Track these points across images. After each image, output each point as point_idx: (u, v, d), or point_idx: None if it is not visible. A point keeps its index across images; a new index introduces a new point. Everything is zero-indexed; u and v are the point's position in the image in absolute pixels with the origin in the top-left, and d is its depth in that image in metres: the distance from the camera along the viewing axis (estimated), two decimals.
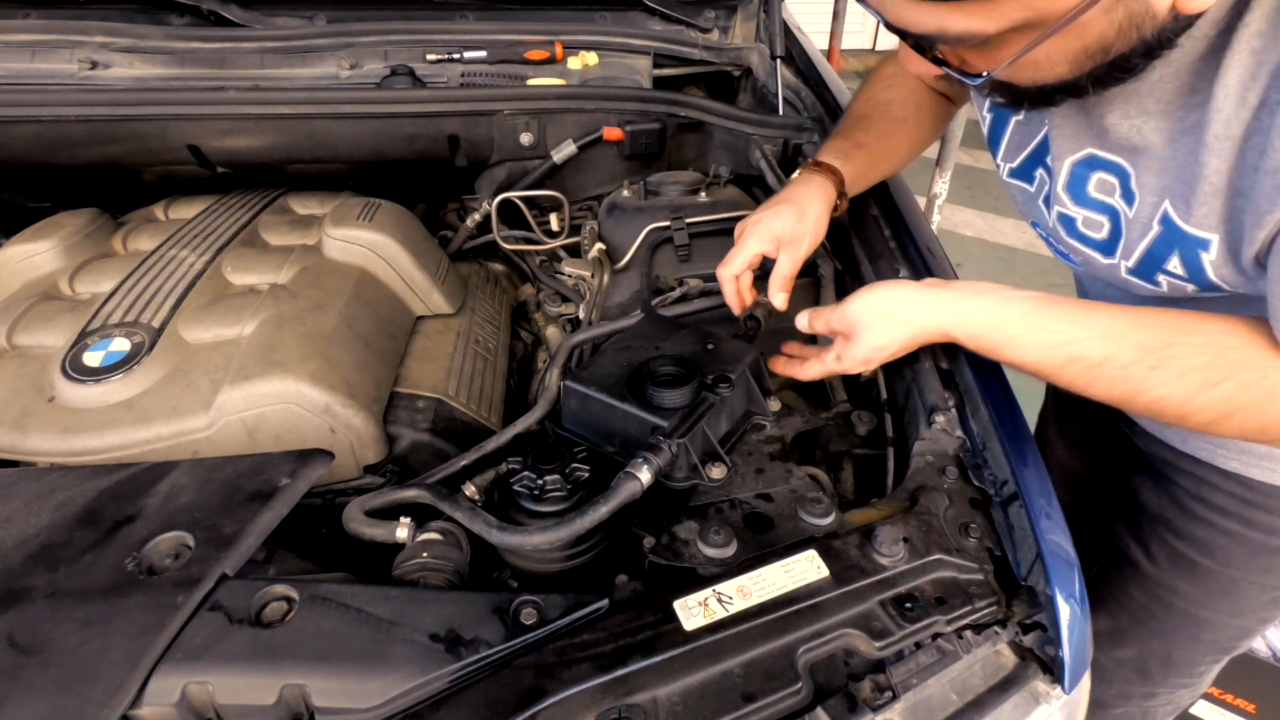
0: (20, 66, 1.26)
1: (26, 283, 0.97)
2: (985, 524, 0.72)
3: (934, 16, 0.57)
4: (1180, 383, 0.66)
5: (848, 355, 0.82)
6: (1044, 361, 0.72)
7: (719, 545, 0.67)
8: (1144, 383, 0.68)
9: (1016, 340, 0.73)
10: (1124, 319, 0.70)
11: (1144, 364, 0.68)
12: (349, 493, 0.81)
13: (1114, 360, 0.69)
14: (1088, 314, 0.71)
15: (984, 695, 0.61)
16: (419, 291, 1.04)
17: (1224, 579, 0.98)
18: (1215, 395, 0.66)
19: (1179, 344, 0.67)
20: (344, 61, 1.35)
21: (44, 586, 0.57)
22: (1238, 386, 0.65)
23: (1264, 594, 0.99)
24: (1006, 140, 0.87)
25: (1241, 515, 0.93)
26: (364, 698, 0.52)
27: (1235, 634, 1.07)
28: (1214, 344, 0.66)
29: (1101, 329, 0.70)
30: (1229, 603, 1.01)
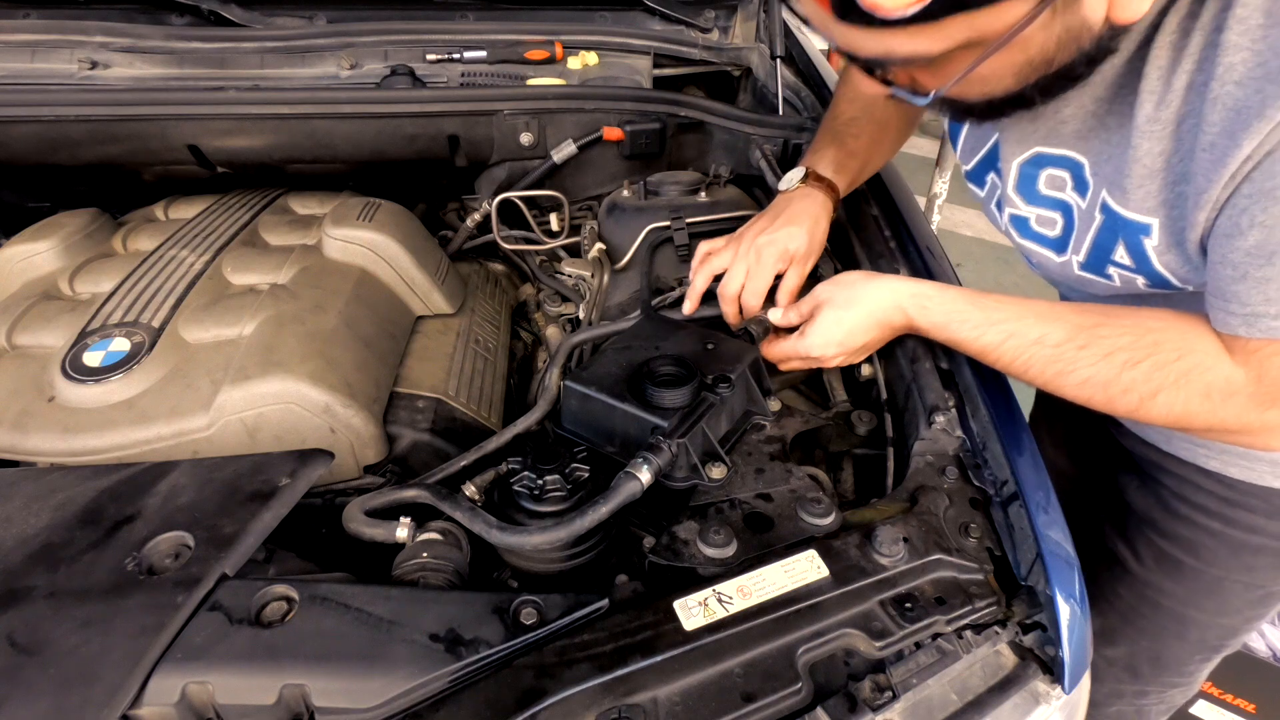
0: (20, 66, 1.26)
1: (26, 283, 0.97)
2: (985, 524, 0.72)
3: (880, 41, 0.58)
4: (1105, 362, 0.69)
5: (810, 330, 0.85)
6: (985, 337, 0.76)
7: (719, 545, 0.67)
8: (1073, 362, 0.71)
9: (961, 315, 0.77)
10: (1063, 306, 0.74)
11: (1074, 343, 0.71)
12: (349, 493, 0.81)
13: (1047, 339, 0.72)
14: (1029, 301, 0.76)
15: (984, 695, 0.61)
16: (419, 291, 1.04)
17: (1209, 578, 0.99)
18: (1136, 374, 0.68)
19: (1107, 325, 0.70)
20: (344, 61, 1.35)
21: (44, 586, 0.57)
22: (1155, 365, 0.67)
23: (1249, 593, 0.99)
24: (962, 140, 0.90)
25: (1223, 514, 0.93)
26: (364, 698, 0.52)
27: (1223, 633, 1.07)
28: (1139, 325, 0.68)
29: (1039, 311, 0.74)
30: (1215, 601, 1.01)
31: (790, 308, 0.90)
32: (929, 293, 0.80)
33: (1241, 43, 0.56)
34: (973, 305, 0.77)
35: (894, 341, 0.89)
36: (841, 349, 0.84)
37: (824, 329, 0.84)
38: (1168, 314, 0.68)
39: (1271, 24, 0.55)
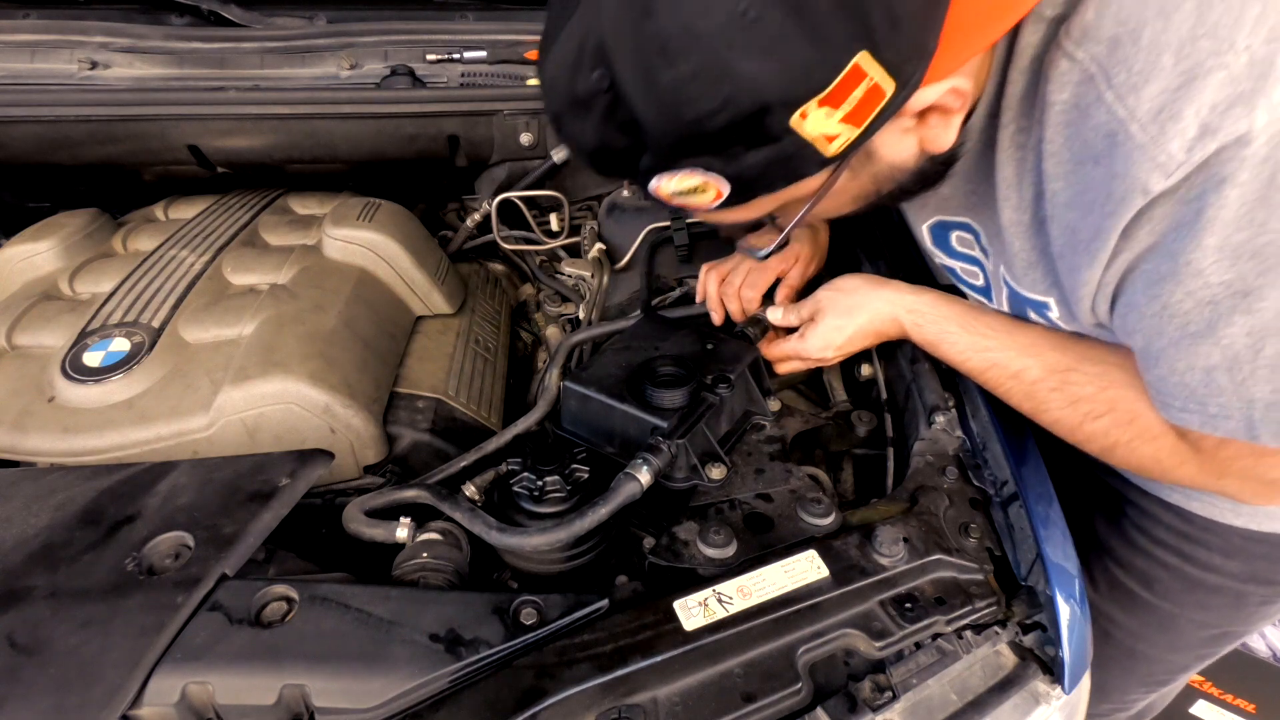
0: (20, 66, 1.26)
1: (26, 283, 0.97)
2: (985, 524, 0.72)
3: (713, 215, 0.63)
4: (1071, 409, 0.70)
5: (811, 333, 0.86)
6: (971, 361, 0.77)
7: (719, 546, 0.67)
8: (1045, 402, 0.72)
9: (952, 336, 0.78)
10: (1046, 339, 0.73)
11: (1047, 384, 0.71)
12: (349, 493, 0.81)
13: (1025, 375, 0.73)
14: (1015, 327, 0.75)
15: (984, 695, 0.61)
16: (419, 291, 1.04)
17: (1161, 613, 0.96)
18: (1097, 428, 0.68)
19: (1078, 371, 0.70)
20: (344, 61, 1.35)
21: (44, 586, 0.57)
22: (1113, 423, 0.67)
23: (1201, 631, 0.97)
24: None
25: (1179, 549, 0.90)
26: (364, 698, 0.52)
27: (1170, 669, 1.05)
28: (1104, 378, 0.68)
29: (1023, 343, 0.74)
30: (1166, 638, 0.99)
31: (790, 308, 0.91)
32: (924, 309, 0.81)
33: (1057, 173, 0.58)
34: (963, 328, 0.78)
35: (894, 342, 0.89)
36: (840, 353, 0.87)
37: (823, 334, 0.85)
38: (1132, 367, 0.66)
39: (1077, 161, 0.56)
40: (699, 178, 0.55)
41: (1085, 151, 0.55)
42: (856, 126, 0.53)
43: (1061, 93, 0.55)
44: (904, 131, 0.59)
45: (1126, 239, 0.55)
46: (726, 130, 0.50)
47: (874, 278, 0.86)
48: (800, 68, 0.48)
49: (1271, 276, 0.49)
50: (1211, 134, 0.47)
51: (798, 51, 0.47)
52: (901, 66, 0.50)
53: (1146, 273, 0.55)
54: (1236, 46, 0.46)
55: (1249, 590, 0.90)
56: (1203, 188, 0.49)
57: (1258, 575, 0.88)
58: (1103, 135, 0.53)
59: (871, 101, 0.51)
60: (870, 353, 0.94)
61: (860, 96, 0.50)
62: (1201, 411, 0.56)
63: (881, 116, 0.53)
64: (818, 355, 0.86)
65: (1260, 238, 0.48)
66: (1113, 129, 0.52)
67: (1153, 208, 0.52)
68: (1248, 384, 0.53)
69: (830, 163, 0.55)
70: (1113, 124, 0.51)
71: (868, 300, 0.84)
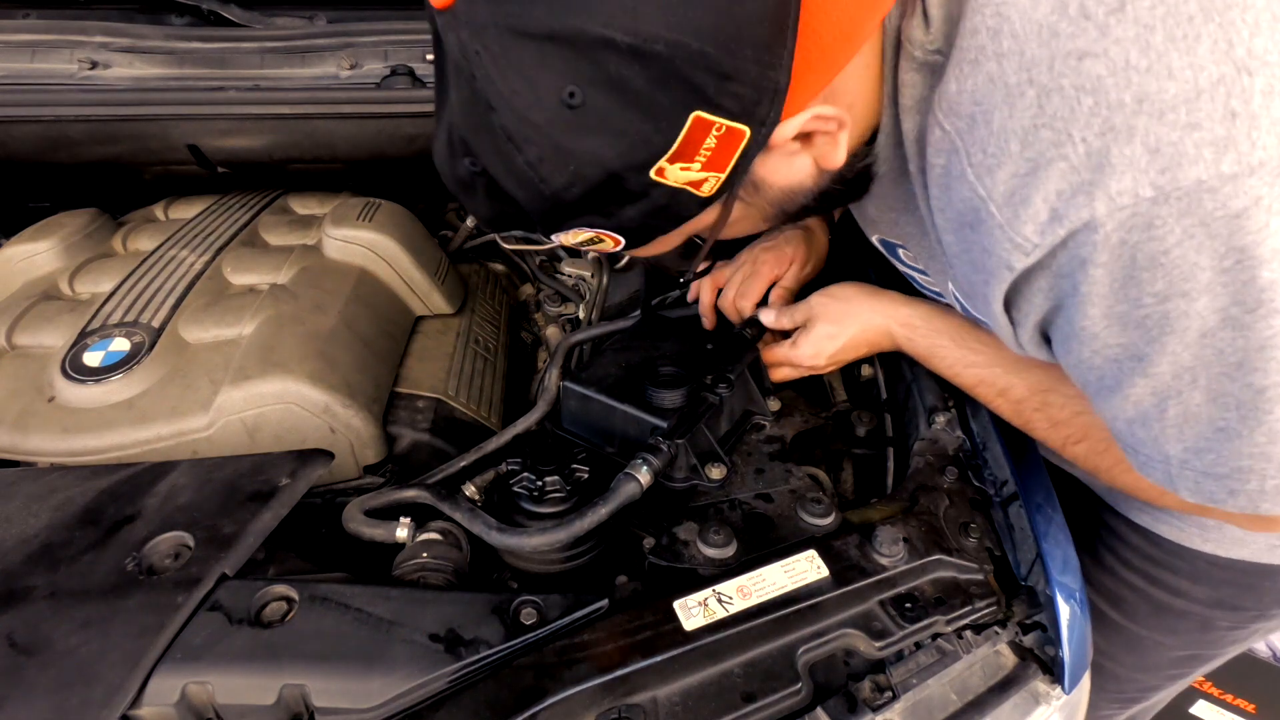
0: (20, 66, 1.26)
1: (26, 283, 0.97)
2: (985, 524, 0.72)
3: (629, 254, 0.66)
4: (1053, 431, 0.70)
5: (803, 341, 0.86)
6: (960, 376, 0.78)
7: (719, 545, 0.67)
8: (1029, 422, 0.72)
9: (943, 350, 0.78)
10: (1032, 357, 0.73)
11: (1030, 404, 0.72)
12: (349, 493, 0.81)
13: (1010, 393, 0.73)
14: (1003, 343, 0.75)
15: (984, 695, 0.61)
16: (419, 291, 1.04)
17: (1129, 633, 0.96)
18: (1077, 452, 0.69)
19: (1056, 394, 0.70)
20: (344, 61, 1.35)
21: (44, 586, 0.57)
22: (1090, 450, 0.68)
23: (1169, 652, 0.97)
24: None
25: (1146, 572, 0.90)
26: (364, 698, 0.52)
27: (1141, 688, 1.04)
28: (1079, 401, 0.68)
29: (1009, 361, 0.73)
30: (1134, 657, 0.99)
31: (783, 312, 0.90)
32: (917, 322, 0.81)
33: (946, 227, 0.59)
34: (954, 342, 0.78)
35: None
36: (832, 361, 0.87)
37: (815, 343, 0.85)
38: None
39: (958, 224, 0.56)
40: (590, 233, 0.59)
41: (961, 218, 0.56)
42: (721, 171, 0.53)
43: (938, 158, 0.56)
44: (790, 155, 0.59)
45: (1022, 300, 0.56)
46: (589, 198, 0.53)
47: (868, 287, 0.86)
48: (636, 137, 0.50)
49: (1159, 345, 0.49)
50: (1060, 220, 0.48)
51: (629, 123, 0.49)
52: (751, 110, 0.50)
53: (1058, 328, 0.56)
54: (1073, 138, 0.46)
55: (1215, 615, 0.89)
56: (1069, 266, 0.50)
57: (1224, 601, 0.87)
58: (970, 208, 0.54)
59: (730, 145, 0.52)
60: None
61: (714, 145, 0.51)
62: (1135, 456, 0.58)
63: (746, 155, 0.53)
64: (809, 363, 0.87)
65: (1138, 311, 0.49)
66: (975, 205, 0.53)
67: (1032, 279, 0.53)
68: (1160, 440, 0.54)
69: (711, 200, 0.57)
70: (975, 200, 0.52)
71: (860, 310, 0.84)
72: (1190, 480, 0.54)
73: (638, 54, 0.46)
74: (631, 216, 0.56)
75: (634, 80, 0.47)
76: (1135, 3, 0.44)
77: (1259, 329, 0.45)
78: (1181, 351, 0.49)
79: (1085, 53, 0.45)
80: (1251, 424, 0.49)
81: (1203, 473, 0.53)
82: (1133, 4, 0.44)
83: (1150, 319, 0.49)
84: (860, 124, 0.60)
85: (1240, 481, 0.52)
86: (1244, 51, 0.42)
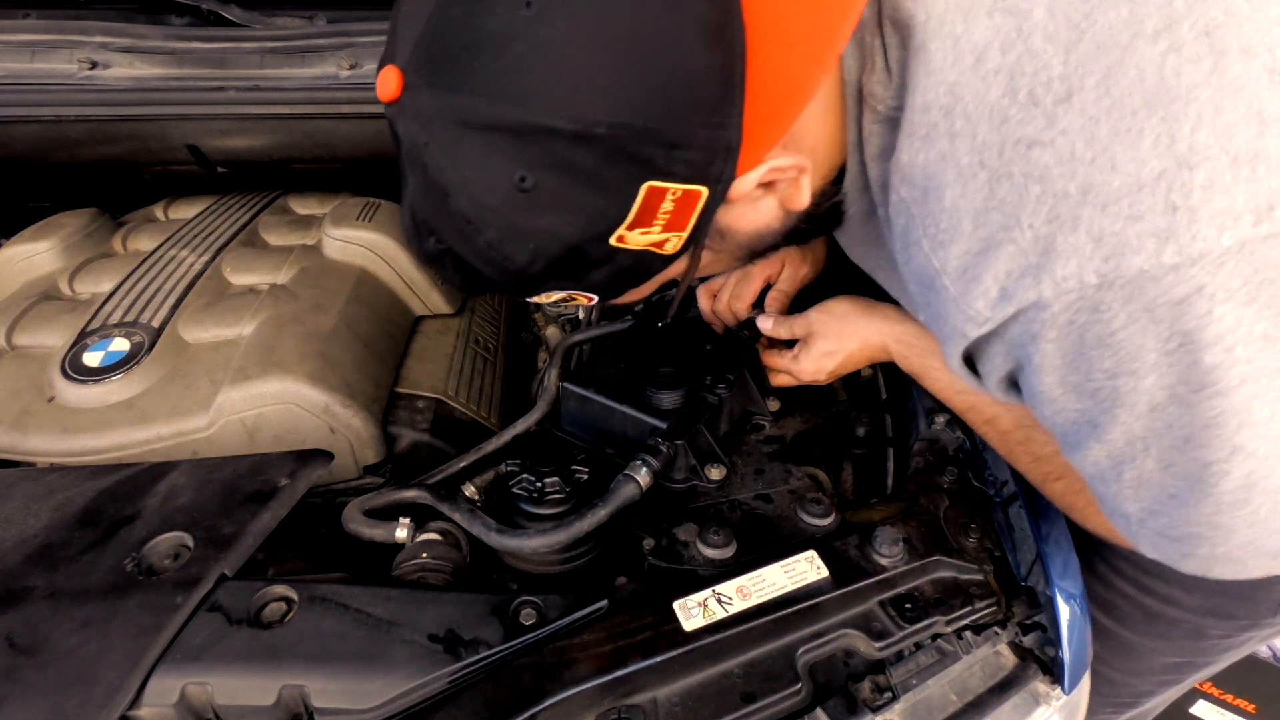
0: (20, 66, 1.25)
1: (26, 283, 0.97)
2: (985, 524, 0.72)
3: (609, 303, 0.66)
4: (1035, 466, 0.70)
5: (804, 356, 0.87)
6: (951, 401, 0.78)
7: (718, 546, 0.67)
8: (1013, 453, 0.73)
9: (935, 372, 0.79)
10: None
11: (1015, 437, 0.72)
12: (349, 493, 0.81)
13: (998, 423, 0.74)
14: None
15: (984, 696, 0.61)
16: (418, 291, 1.04)
17: (1122, 639, 0.96)
18: (1056, 489, 0.69)
19: (1038, 429, 0.69)
20: (344, 61, 1.35)
21: (43, 587, 0.57)
22: (1067, 489, 0.67)
23: (1162, 659, 0.97)
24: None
25: (1139, 580, 0.90)
26: (363, 698, 0.52)
27: (1134, 693, 1.04)
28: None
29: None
30: (1127, 663, 0.99)
31: (780, 321, 0.90)
32: (912, 340, 0.81)
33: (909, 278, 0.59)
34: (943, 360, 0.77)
35: None
36: (832, 376, 0.88)
37: (815, 359, 0.86)
38: None
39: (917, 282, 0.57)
40: (561, 293, 0.59)
41: (919, 278, 0.56)
42: (681, 230, 0.54)
43: (899, 218, 0.56)
44: (754, 201, 0.59)
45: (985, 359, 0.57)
46: (553, 269, 0.54)
47: (865, 302, 0.86)
48: (591, 211, 0.50)
49: (1111, 415, 0.50)
50: (1009, 298, 0.49)
51: (582, 200, 0.50)
52: (704, 172, 0.50)
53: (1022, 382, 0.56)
54: (1021, 224, 0.47)
55: (1208, 624, 0.89)
56: (1022, 338, 0.51)
57: (1217, 610, 0.87)
58: (926, 275, 0.55)
59: (687, 206, 0.52)
60: None
61: (671, 208, 0.51)
62: (1102, 506, 0.58)
63: (706, 211, 0.53)
64: (809, 379, 0.88)
65: (1090, 383, 0.50)
66: (930, 275, 0.54)
67: (988, 344, 0.54)
68: (1118, 499, 0.55)
69: (677, 256, 0.57)
70: (930, 270, 0.53)
71: (858, 327, 0.85)
72: (1148, 538, 0.55)
73: (582, 138, 0.47)
74: (599, 279, 0.57)
75: (582, 162, 0.48)
76: (1081, 94, 0.45)
77: (1204, 408, 0.46)
78: (1133, 422, 0.49)
79: (1034, 141, 0.46)
80: (1199, 495, 0.49)
81: (1158, 533, 0.54)
82: (1079, 94, 0.45)
83: (1102, 391, 0.50)
84: (824, 165, 0.61)
85: (1193, 546, 0.53)
86: (1185, 147, 0.42)
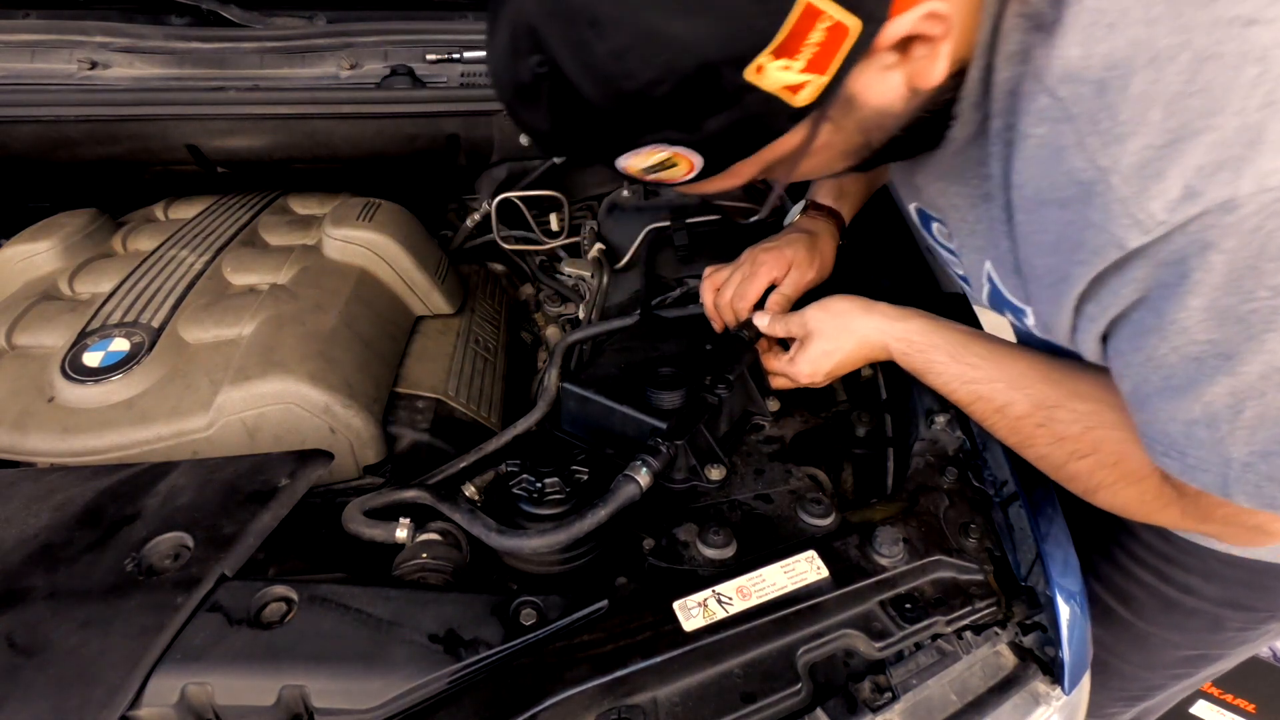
0: (20, 66, 1.26)
1: (26, 283, 0.97)
2: (985, 524, 0.72)
3: (695, 188, 0.61)
4: (1057, 447, 0.68)
5: (801, 357, 0.85)
6: (956, 393, 0.75)
7: (718, 546, 0.67)
8: (1030, 438, 0.70)
9: (939, 366, 0.76)
10: (1036, 370, 0.70)
11: (1033, 420, 0.69)
12: (349, 493, 0.81)
13: (1010, 410, 0.71)
14: (1005, 357, 0.73)
15: (984, 696, 0.61)
16: (419, 291, 1.04)
17: (1137, 630, 0.95)
18: (1081, 467, 0.67)
19: (1064, 409, 0.67)
20: (344, 61, 1.35)
21: (44, 587, 0.57)
22: (1097, 464, 0.65)
23: (1176, 651, 0.96)
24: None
25: (1158, 569, 0.90)
26: (363, 698, 0.52)
27: (1145, 686, 1.04)
28: (1092, 416, 0.66)
29: (1011, 376, 0.71)
30: (1140, 655, 0.98)
31: (777, 318, 0.89)
32: (913, 336, 0.79)
33: (1022, 205, 0.56)
34: (951, 358, 0.76)
35: None
36: (829, 377, 0.86)
37: (813, 359, 0.84)
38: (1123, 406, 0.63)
39: (1040, 201, 0.54)
40: (665, 152, 0.53)
41: (1051, 193, 0.53)
42: (822, 73, 0.49)
43: (1038, 127, 0.52)
44: (885, 69, 0.54)
45: (1106, 291, 0.53)
46: (676, 98, 0.49)
47: (862, 300, 0.84)
48: (739, 21, 0.46)
49: (1256, 343, 0.47)
50: (1195, 197, 0.45)
51: (736, 5, 0.46)
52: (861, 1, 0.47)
53: (1133, 322, 0.54)
54: (1228, 109, 0.43)
55: (1225, 615, 0.89)
56: (1185, 251, 0.47)
57: (1235, 601, 0.87)
58: (1075, 182, 0.50)
59: (834, 43, 0.48)
60: None
61: (820, 40, 0.47)
62: (1181, 460, 0.56)
63: (851, 58, 0.49)
64: (806, 380, 0.86)
65: (1246, 305, 0.47)
66: (1090, 178, 0.49)
67: (1131, 265, 0.50)
68: (1225, 442, 0.52)
69: (803, 115, 0.52)
70: (1091, 172, 0.49)
71: (857, 326, 0.83)
72: (1250, 485, 0.52)
73: None
74: (717, 130, 0.51)
75: None
76: None
77: None
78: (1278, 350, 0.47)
79: (1253, 19, 0.42)
80: None
81: (1267, 477, 0.51)
82: None
83: (1256, 314, 0.46)
84: (957, 47, 0.55)
85: None
86: None
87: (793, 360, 0.86)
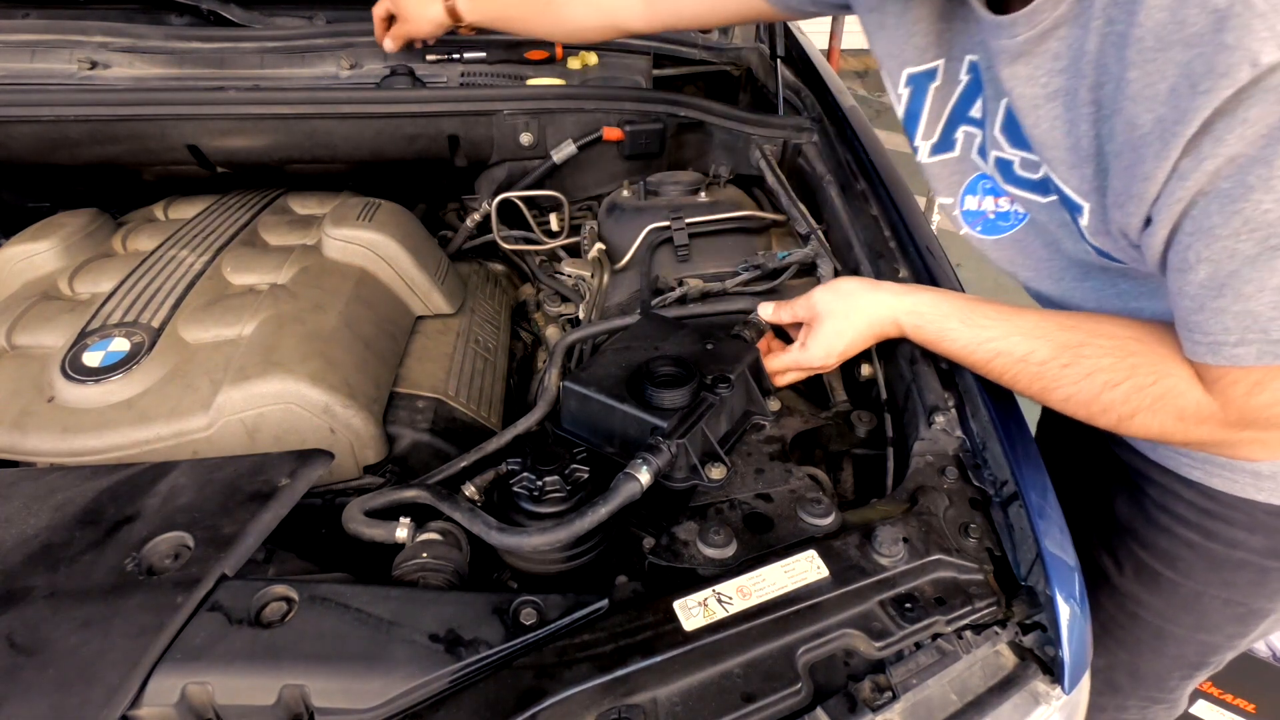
0: (20, 66, 1.26)
1: (26, 283, 0.97)
2: (985, 524, 0.72)
3: None
4: (1087, 382, 0.70)
5: (811, 343, 0.86)
6: (974, 354, 0.77)
7: (719, 546, 0.67)
8: (1056, 379, 0.72)
9: (953, 333, 0.78)
10: (1050, 321, 0.74)
11: (1058, 361, 0.72)
12: (349, 493, 0.81)
13: (1033, 356, 0.73)
14: (1016, 313, 0.76)
15: (984, 695, 0.60)
16: (419, 291, 1.04)
17: (1186, 591, 0.96)
18: (1115, 396, 0.69)
19: (1090, 345, 0.70)
20: (344, 61, 1.35)
21: (44, 587, 0.57)
22: (1133, 388, 0.68)
23: (1228, 609, 0.97)
24: (926, 112, 0.87)
25: (1202, 526, 0.91)
26: (364, 698, 0.52)
27: (1202, 650, 1.04)
28: (1120, 347, 0.69)
29: (1026, 327, 0.74)
30: (1193, 617, 0.99)
31: (783, 304, 0.90)
32: (923, 309, 0.81)
33: (1138, 59, 0.56)
34: (963, 323, 0.78)
35: (893, 342, 0.89)
36: (841, 358, 0.87)
37: (825, 340, 0.85)
38: (1147, 336, 0.69)
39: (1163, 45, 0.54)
40: None
41: (1177, 32, 0.52)
42: None
43: None
44: None
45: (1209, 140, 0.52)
46: None
47: (869, 280, 0.86)
48: None
49: None
50: None
51: None
52: None
53: (1224, 192, 0.53)
54: None
55: (1272, 566, 0.90)
56: None
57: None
58: (1210, 10, 0.50)
59: None
60: (870, 352, 0.94)
61: None
62: (1263, 339, 0.56)
63: None
64: (820, 363, 0.86)
65: None
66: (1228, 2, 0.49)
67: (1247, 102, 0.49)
68: None
69: None
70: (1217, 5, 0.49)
71: (866, 303, 0.84)
72: None
73: None
74: None
75: None
76: None
77: None
78: None
79: None
80: None
81: None
82: None
83: None
84: None
85: None
86: None
87: (804, 345, 0.87)
